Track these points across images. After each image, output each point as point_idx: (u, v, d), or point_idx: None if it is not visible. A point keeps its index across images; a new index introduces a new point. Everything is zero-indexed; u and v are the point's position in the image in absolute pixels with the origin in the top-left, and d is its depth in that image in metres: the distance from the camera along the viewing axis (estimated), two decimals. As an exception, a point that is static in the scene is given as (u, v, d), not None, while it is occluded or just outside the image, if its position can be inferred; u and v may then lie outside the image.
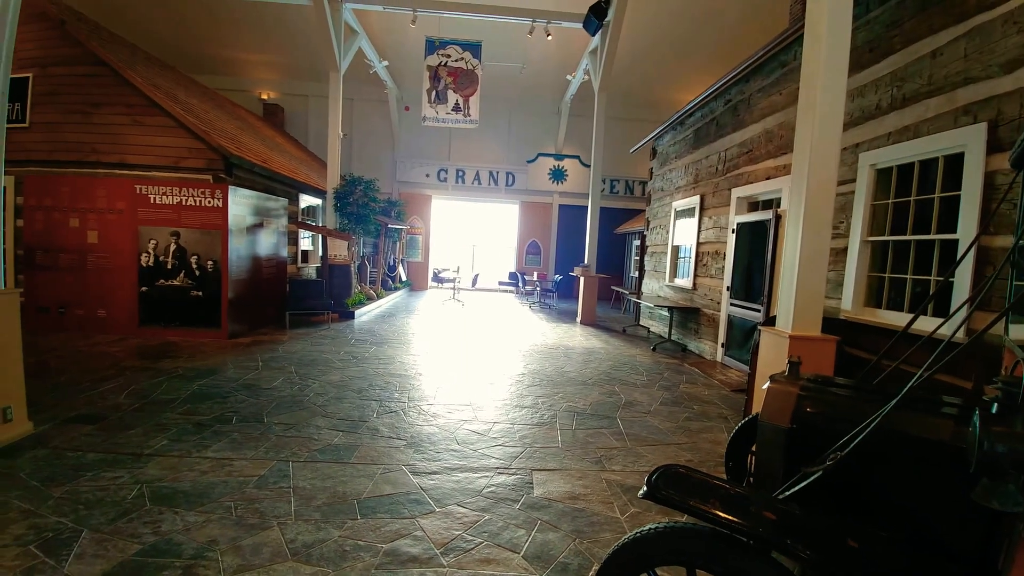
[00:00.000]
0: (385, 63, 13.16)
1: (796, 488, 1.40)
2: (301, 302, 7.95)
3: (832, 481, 1.39)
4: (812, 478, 1.38)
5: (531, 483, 3.07)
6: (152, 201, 6.43)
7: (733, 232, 6.49)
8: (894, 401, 1.32)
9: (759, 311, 5.64)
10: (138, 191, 6.43)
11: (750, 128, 6.46)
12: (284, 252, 8.38)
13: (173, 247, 6.47)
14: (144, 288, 6.50)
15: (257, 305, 7.42)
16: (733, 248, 6.48)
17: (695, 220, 7.95)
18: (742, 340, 6.20)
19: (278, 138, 12.87)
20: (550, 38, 11.08)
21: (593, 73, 10.59)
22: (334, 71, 10.06)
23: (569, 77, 13.13)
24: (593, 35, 9.99)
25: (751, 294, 5.99)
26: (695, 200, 7.99)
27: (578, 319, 10.23)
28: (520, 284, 14.07)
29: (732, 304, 6.44)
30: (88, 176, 6.83)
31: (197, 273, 6.53)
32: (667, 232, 9.31)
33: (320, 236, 9.07)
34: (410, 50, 12.71)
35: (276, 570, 2.18)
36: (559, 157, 15.63)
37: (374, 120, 15.40)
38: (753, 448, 2.20)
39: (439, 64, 11.21)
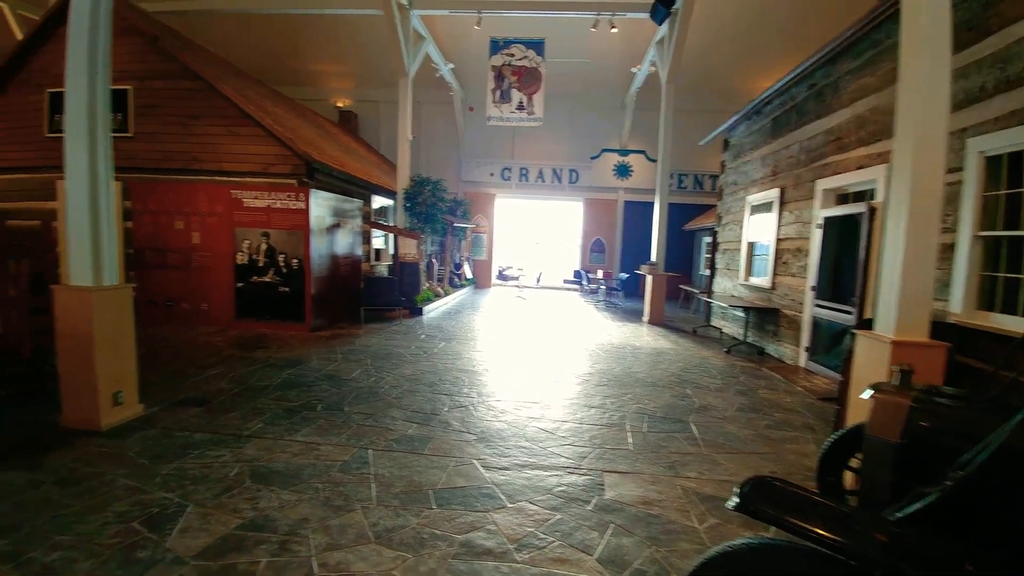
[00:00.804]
0: (450, 66, 13.49)
1: (911, 509, 1.28)
2: (375, 298, 8.35)
3: (948, 501, 1.26)
4: (929, 500, 1.26)
5: (602, 484, 3.04)
6: (245, 205, 7.02)
7: (819, 227, 6.03)
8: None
9: (850, 313, 5.20)
10: (233, 195, 7.04)
11: (838, 114, 5.96)
12: (359, 250, 8.83)
13: (264, 247, 7.04)
14: (239, 284, 7.13)
15: (335, 300, 7.89)
16: (819, 244, 6.02)
17: (773, 215, 7.48)
18: (829, 344, 5.76)
19: (352, 143, 13.57)
20: (615, 30, 10.85)
21: (660, 64, 10.23)
22: (403, 76, 10.43)
23: (634, 70, 12.78)
24: (660, 24, 9.65)
25: (840, 294, 5.54)
26: (773, 193, 7.51)
27: (645, 318, 9.97)
28: (584, 282, 13.92)
29: (817, 305, 5.99)
30: (190, 182, 7.55)
31: (284, 270, 7.06)
32: (741, 228, 8.83)
33: (392, 235, 9.47)
34: (474, 52, 12.95)
35: (360, 551, 2.31)
36: (624, 152, 15.27)
37: (440, 122, 15.82)
38: (852, 463, 2.04)
39: (503, 64, 11.32)
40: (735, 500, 1.30)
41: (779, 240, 7.35)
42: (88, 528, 2.39)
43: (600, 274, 13.95)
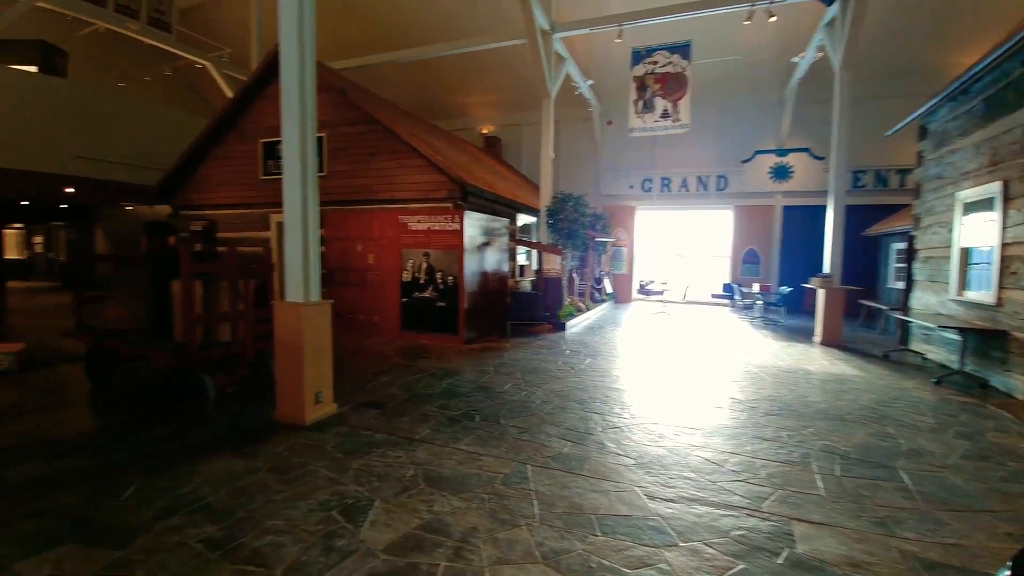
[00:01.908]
0: (589, 82, 13.56)
1: None
2: (520, 313, 8.63)
3: None
4: None
5: (791, 535, 2.64)
6: (410, 228, 7.83)
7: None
8: None
9: None
10: (400, 220, 7.91)
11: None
12: (505, 267, 9.23)
13: (424, 265, 7.76)
14: (404, 299, 7.95)
15: (485, 315, 8.33)
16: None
17: (995, 214, 5.98)
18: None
19: (497, 166, 14.38)
20: (774, 19, 9.84)
21: (831, 49, 8.97)
22: (546, 98, 10.75)
23: (796, 59, 11.42)
24: (829, 5, 8.49)
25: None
26: (994, 188, 6.01)
27: (816, 338, 8.69)
28: (736, 297, 12.70)
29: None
30: (368, 211, 8.66)
31: (441, 287, 7.68)
32: (949, 231, 7.22)
33: (535, 251, 9.73)
34: (613, 65, 12.86)
35: (530, 570, 2.31)
36: (782, 152, 13.68)
37: (578, 139, 15.96)
38: None
39: (645, 73, 11.00)
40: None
41: (1005, 245, 5.85)
42: (295, 514, 2.77)
43: (756, 287, 12.60)
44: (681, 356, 7.27)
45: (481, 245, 8.15)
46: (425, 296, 7.80)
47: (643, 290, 13.71)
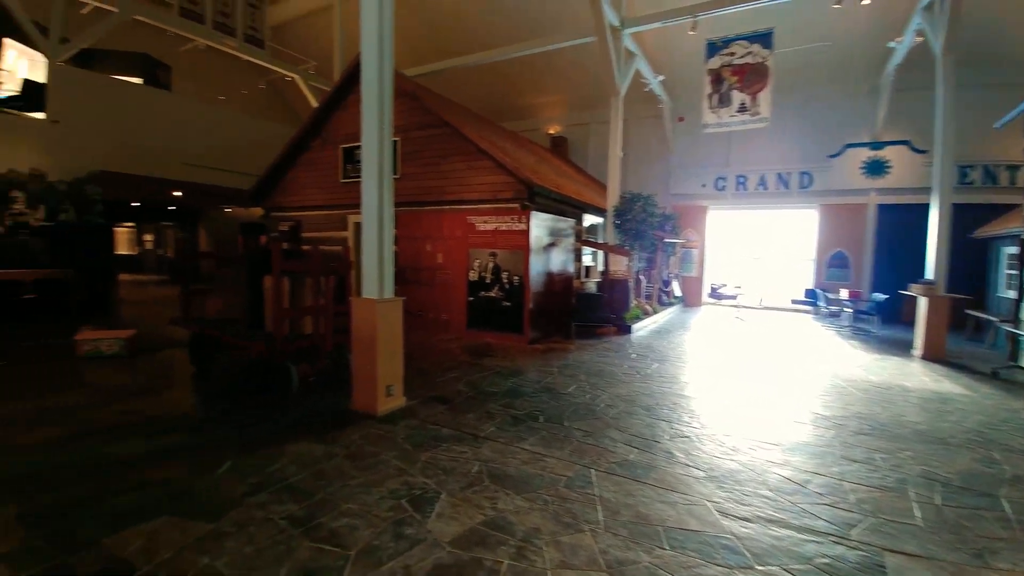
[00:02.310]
0: (660, 78, 13.13)
1: None
2: (585, 314, 8.53)
3: None
4: None
5: (883, 566, 2.41)
6: (477, 228, 7.99)
7: None
8: None
9: None
10: (468, 220, 8.09)
11: None
12: (571, 268, 9.17)
13: (491, 265, 7.88)
14: (471, 298, 8.12)
15: (549, 315, 8.32)
16: None
17: None
18: None
19: (564, 166, 14.31)
20: (867, 2, 9.03)
21: (931, 33, 8.08)
22: (614, 96, 10.55)
23: (893, 44, 10.39)
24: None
25: None
26: None
27: (916, 351, 7.86)
28: (821, 303, 11.78)
29: None
30: (438, 211, 8.94)
31: (507, 286, 7.77)
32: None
33: (601, 252, 9.58)
34: (685, 59, 12.38)
35: (594, 577, 2.28)
36: (877, 146, 12.47)
37: (647, 137, 15.52)
38: None
39: (721, 65, 10.47)
40: None
41: None
42: (369, 499, 2.91)
43: (844, 294, 11.59)
44: (757, 365, 6.85)
45: (547, 245, 8.15)
46: (491, 295, 7.93)
47: (714, 294, 13.08)
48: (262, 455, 3.47)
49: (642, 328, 9.55)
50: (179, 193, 13.99)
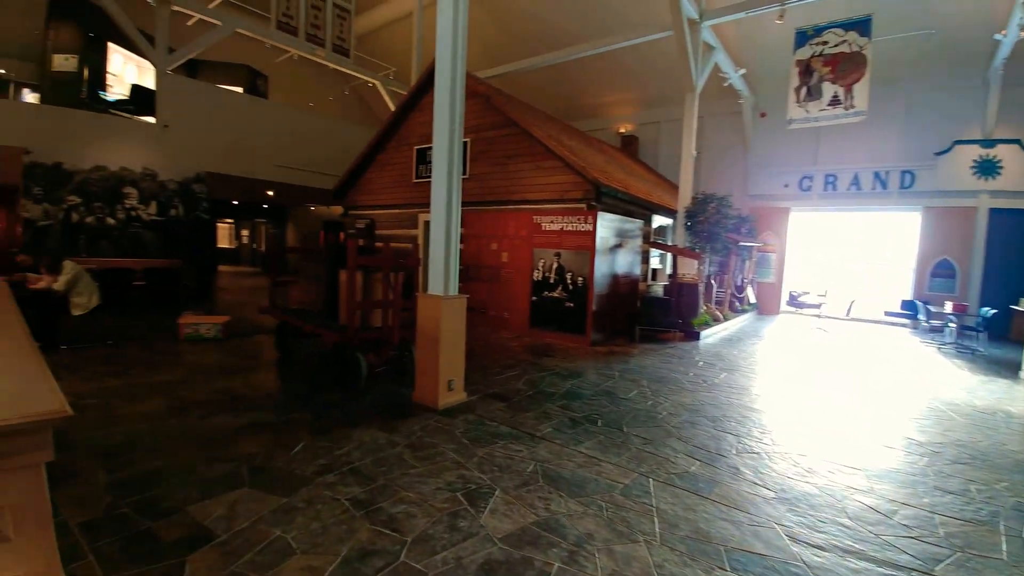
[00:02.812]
0: (742, 71, 12.42)
1: None
2: (650, 318, 8.28)
3: None
4: None
5: (984, 615, 2.14)
6: (543, 228, 8.00)
7: None
8: None
9: None
10: (534, 220, 8.12)
11: None
12: (637, 270, 8.93)
13: (555, 265, 7.87)
14: (534, 298, 8.16)
15: (613, 318, 8.16)
16: None
17: None
18: None
19: (633, 165, 13.96)
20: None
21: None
22: (690, 91, 10.12)
23: (999, 36, 9.14)
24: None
25: None
26: None
27: (1033, 376, 6.88)
28: (922, 316, 10.60)
29: None
30: (504, 211, 9.05)
31: (570, 287, 7.72)
32: None
33: (670, 254, 9.24)
34: (770, 51, 11.66)
35: (647, 590, 2.22)
36: (988, 144, 11.00)
37: (724, 134, 14.75)
38: None
39: (812, 55, 9.72)
40: None
41: None
42: (426, 489, 3.01)
43: (949, 307, 10.36)
44: (842, 381, 6.31)
45: (613, 247, 7.99)
46: (554, 296, 7.91)
47: (794, 302, 12.16)
48: (331, 438, 3.70)
49: (711, 335, 9.10)
50: (271, 192, 15.23)
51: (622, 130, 16.65)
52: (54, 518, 2.44)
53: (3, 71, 11.82)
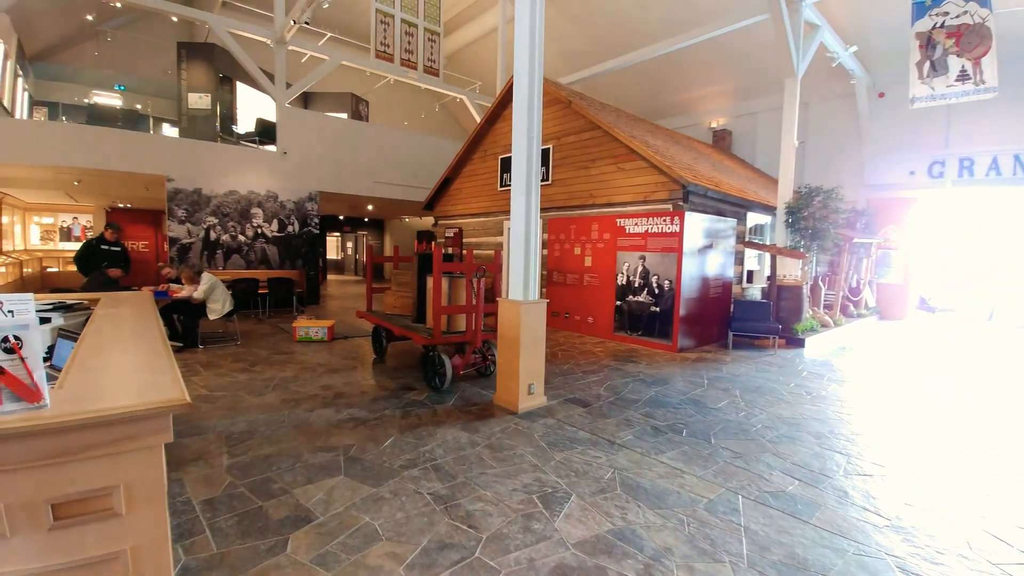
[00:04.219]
0: (852, 48, 11.16)
1: None
2: (745, 323, 7.72)
3: None
4: None
5: None
6: (627, 231, 7.82)
7: None
8: None
9: None
10: (618, 224, 7.96)
11: None
12: (730, 272, 8.38)
13: (640, 268, 7.64)
14: (618, 302, 7.99)
15: (702, 323, 7.73)
16: None
17: None
18: None
19: (725, 161, 13.13)
20: None
21: None
22: (790, 77, 9.31)
23: None
24: None
25: None
26: None
27: None
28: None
29: None
30: (587, 216, 8.98)
31: (656, 291, 7.44)
32: None
33: (768, 255, 8.55)
34: (883, 26, 10.37)
35: (729, 612, 2.09)
36: None
37: (832, 120, 13.33)
38: None
39: (933, 27, 8.48)
40: None
41: None
42: (503, 490, 3.08)
43: None
44: (983, 399, 5.41)
45: (702, 248, 7.58)
46: (639, 300, 7.68)
47: (924, 305, 10.63)
48: (417, 435, 3.92)
49: (818, 342, 8.24)
50: (371, 207, 16.48)
51: (713, 124, 15.73)
52: (180, 496, 2.90)
53: (140, 106, 13.94)
